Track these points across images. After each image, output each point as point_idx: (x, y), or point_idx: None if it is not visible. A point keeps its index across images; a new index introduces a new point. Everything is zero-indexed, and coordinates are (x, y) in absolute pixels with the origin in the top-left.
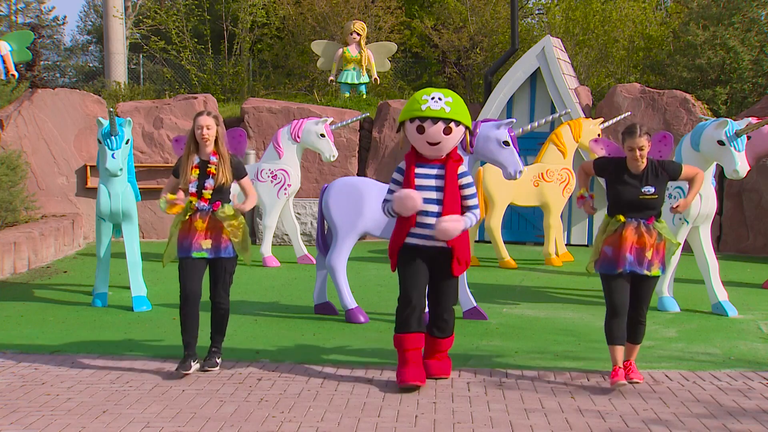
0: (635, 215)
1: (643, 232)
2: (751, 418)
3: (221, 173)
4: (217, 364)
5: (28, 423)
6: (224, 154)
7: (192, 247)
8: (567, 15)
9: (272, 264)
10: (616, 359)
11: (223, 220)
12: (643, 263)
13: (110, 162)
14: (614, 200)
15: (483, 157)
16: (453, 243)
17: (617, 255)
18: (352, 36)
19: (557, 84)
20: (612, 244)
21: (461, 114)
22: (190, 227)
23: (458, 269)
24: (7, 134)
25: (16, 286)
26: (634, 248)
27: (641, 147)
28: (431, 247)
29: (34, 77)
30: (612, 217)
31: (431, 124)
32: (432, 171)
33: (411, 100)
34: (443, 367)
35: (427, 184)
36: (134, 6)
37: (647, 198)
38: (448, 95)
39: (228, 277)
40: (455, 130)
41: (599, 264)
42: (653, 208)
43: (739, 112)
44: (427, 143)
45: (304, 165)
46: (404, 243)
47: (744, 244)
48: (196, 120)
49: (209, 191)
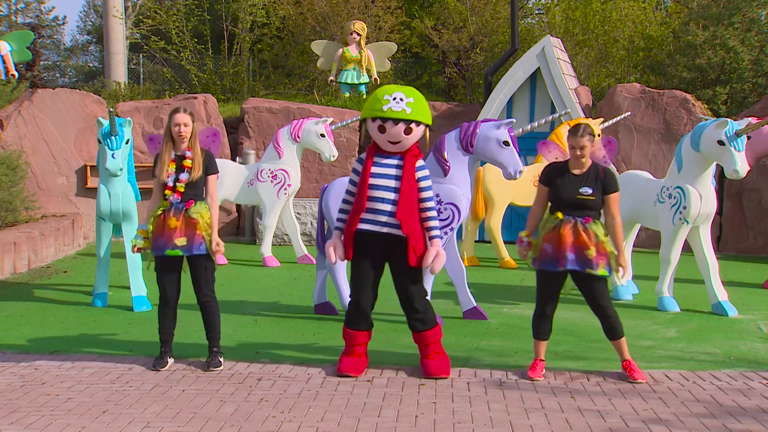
0: (572, 214)
1: (580, 231)
2: (751, 418)
3: (196, 168)
4: (221, 363)
5: (28, 423)
6: (198, 150)
7: (166, 245)
8: (567, 15)
9: (272, 264)
10: (539, 352)
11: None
12: (585, 262)
13: (110, 162)
14: (554, 198)
15: (483, 157)
16: (407, 231)
17: (557, 253)
18: (352, 36)
19: (557, 84)
20: (551, 242)
21: (422, 114)
22: (164, 225)
23: (414, 259)
24: (7, 134)
25: (16, 286)
26: (573, 246)
27: (582, 146)
28: (385, 234)
29: (34, 77)
30: (552, 214)
31: (393, 125)
32: (392, 161)
33: (373, 98)
34: (442, 366)
35: (386, 173)
36: (134, 6)
37: (584, 198)
38: (409, 95)
39: (209, 275)
40: (416, 130)
41: (539, 261)
42: (591, 209)
43: (739, 112)
44: (388, 141)
45: (304, 165)
46: (357, 229)
47: (744, 244)
48: (173, 117)
49: (183, 184)
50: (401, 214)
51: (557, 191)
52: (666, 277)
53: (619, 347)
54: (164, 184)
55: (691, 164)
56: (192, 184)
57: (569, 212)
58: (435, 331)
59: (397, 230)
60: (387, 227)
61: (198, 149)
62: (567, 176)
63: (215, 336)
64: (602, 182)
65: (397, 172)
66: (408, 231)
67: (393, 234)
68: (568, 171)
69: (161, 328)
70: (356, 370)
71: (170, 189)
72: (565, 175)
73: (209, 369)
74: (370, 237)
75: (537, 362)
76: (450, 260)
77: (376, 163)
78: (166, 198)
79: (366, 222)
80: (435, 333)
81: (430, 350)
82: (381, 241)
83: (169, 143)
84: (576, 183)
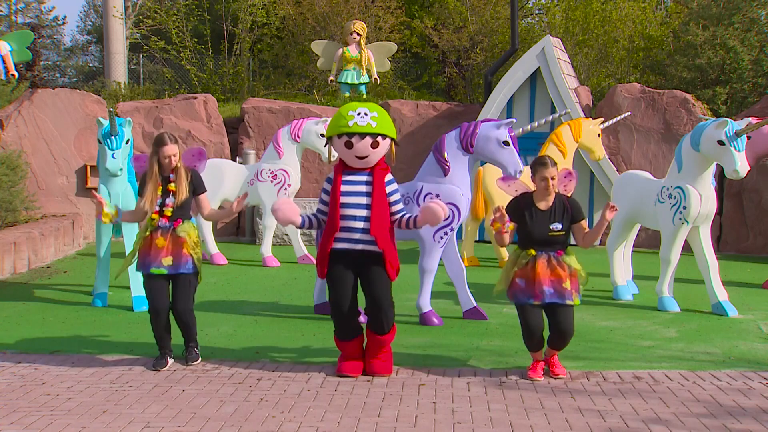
0: (545, 249)
1: (555, 265)
2: (751, 418)
3: (181, 191)
4: (198, 355)
5: (28, 423)
6: (182, 173)
7: (152, 264)
8: (567, 15)
9: (272, 264)
10: (536, 357)
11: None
12: (563, 294)
13: (110, 162)
14: (524, 237)
15: (483, 157)
16: (383, 247)
17: (532, 287)
18: (352, 36)
19: (557, 84)
20: (524, 277)
21: (387, 128)
22: (151, 244)
23: (393, 274)
24: (7, 134)
25: (16, 286)
26: (550, 280)
27: (553, 177)
28: (360, 251)
29: (34, 77)
30: (523, 250)
31: (359, 140)
32: (361, 178)
33: (337, 115)
34: (385, 365)
35: (357, 190)
36: (134, 6)
37: (555, 234)
38: (373, 110)
39: (191, 290)
40: (382, 143)
41: (513, 294)
42: (561, 243)
43: (739, 112)
44: (356, 157)
45: (304, 165)
46: (332, 248)
47: (744, 244)
48: (162, 150)
49: (170, 208)
50: (375, 230)
51: (527, 230)
52: (666, 277)
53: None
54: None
55: (691, 164)
56: (178, 206)
57: (540, 248)
58: (391, 334)
59: (373, 246)
60: (361, 244)
61: (182, 172)
62: (534, 212)
63: (190, 337)
64: (570, 214)
65: (367, 188)
66: (383, 246)
67: (368, 251)
68: (533, 205)
69: (156, 337)
70: (355, 371)
71: (157, 213)
72: (532, 210)
73: (188, 364)
74: (345, 255)
75: (536, 363)
76: (450, 260)
77: (346, 181)
78: (153, 221)
79: (341, 241)
80: (391, 336)
81: (381, 351)
82: (356, 258)
83: (154, 171)
84: (545, 219)
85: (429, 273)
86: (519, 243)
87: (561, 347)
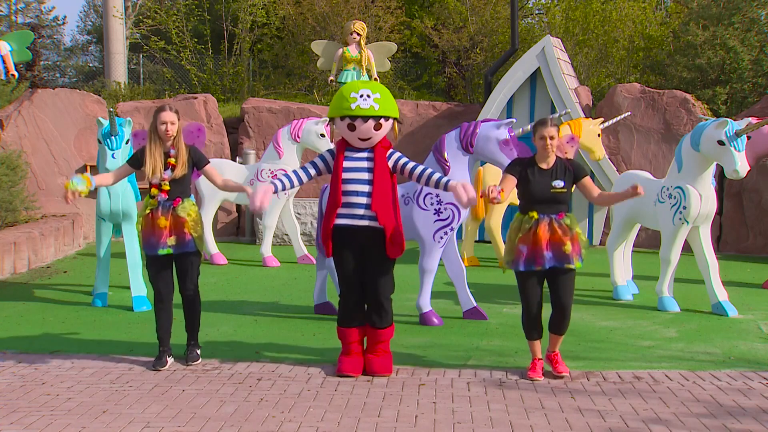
0: (547, 211)
1: (556, 228)
2: (751, 418)
3: (180, 165)
4: (198, 356)
5: (28, 423)
6: (182, 147)
7: (159, 245)
8: (567, 15)
9: (272, 264)
10: (535, 352)
11: (184, 216)
12: (563, 258)
13: (110, 162)
14: (526, 196)
15: (483, 157)
16: (384, 223)
17: (534, 253)
18: (352, 36)
19: (557, 84)
20: (527, 242)
21: (390, 109)
22: (153, 224)
23: (392, 251)
24: (7, 134)
25: (16, 286)
26: (551, 244)
27: (552, 136)
28: (363, 227)
29: (34, 77)
30: (525, 215)
31: (362, 123)
32: (363, 155)
33: (339, 96)
34: (385, 364)
35: (358, 166)
36: (134, 6)
37: (557, 192)
38: (375, 90)
39: (195, 270)
40: (385, 124)
41: (515, 262)
42: (563, 203)
43: (739, 112)
44: (359, 138)
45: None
46: (335, 225)
47: (744, 244)
48: (159, 116)
49: (167, 182)
50: (376, 206)
51: (529, 186)
52: (666, 277)
53: (556, 341)
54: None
55: (691, 164)
56: (177, 181)
57: (542, 209)
58: (390, 330)
59: (374, 222)
60: (364, 220)
61: (182, 146)
62: (536, 170)
63: (194, 328)
64: (572, 173)
65: (369, 164)
66: (384, 222)
67: (370, 227)
68: (536, 164)
69: (158, 326)
70: (355, 370)
71: (156, 187)
72: (534, 169)
73: (188, 364)
74: (348, 232)
75: (536, 362)
76: (450, 260)
77: (348, 157)
78: (153, 196)
79: (343, 217)
80: (389, 332)
81: (379, 347)
82: (358, 235)
83: (156, 141)
84: (546, 177)
85: (429, 273)
86: (520, 206)
87: (562, 329)
